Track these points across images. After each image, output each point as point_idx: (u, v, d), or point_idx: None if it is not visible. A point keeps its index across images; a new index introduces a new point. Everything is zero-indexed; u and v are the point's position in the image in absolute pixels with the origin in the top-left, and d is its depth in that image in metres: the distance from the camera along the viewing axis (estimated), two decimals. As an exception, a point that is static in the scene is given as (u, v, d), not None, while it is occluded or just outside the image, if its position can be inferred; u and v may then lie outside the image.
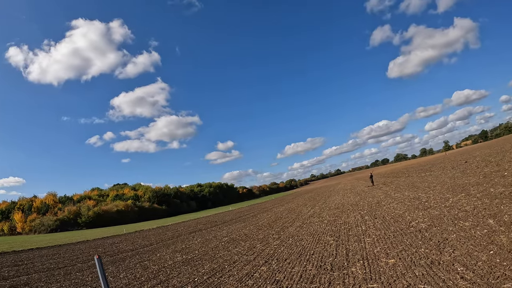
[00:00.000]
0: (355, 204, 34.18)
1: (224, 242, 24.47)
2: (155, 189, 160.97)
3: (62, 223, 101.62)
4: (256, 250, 18.96)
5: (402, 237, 14.47)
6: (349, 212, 28.37)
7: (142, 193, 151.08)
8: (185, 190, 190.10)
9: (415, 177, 50.59)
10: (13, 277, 19.71)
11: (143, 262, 20.96)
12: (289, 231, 24.50)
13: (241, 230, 30.49)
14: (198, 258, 19.39)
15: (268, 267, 14.13)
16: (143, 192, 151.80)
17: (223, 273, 14.48)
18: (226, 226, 38.06)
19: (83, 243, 40.36)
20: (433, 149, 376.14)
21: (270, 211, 50.81)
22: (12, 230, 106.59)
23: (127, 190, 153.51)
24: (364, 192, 47.42)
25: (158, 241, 32.93)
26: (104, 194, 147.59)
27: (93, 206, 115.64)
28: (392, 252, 12.43)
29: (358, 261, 12.22)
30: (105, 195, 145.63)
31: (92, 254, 28.17)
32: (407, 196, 29.80)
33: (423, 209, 20.73)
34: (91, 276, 18.11)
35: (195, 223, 53.18)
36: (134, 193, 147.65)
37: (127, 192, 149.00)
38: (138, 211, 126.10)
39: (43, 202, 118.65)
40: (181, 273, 15.83)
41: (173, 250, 24.85)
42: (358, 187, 65.54)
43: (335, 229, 20.98)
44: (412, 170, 75.18)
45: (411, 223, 17.20)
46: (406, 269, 10.14)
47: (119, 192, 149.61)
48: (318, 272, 11.83)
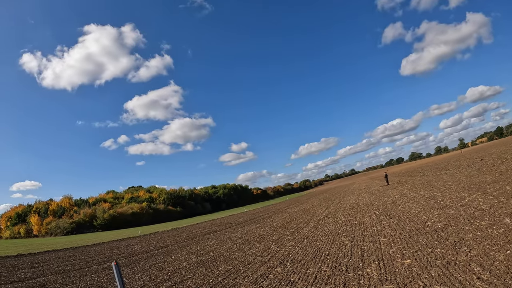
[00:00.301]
0: (370, 204, 33.98)
1: (238, 244, 24.51)
2: (169, 191, 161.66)
3: (77, 225, 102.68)
4: (271, 251, 18.96)
5: (418, 237, 14.35)
6: (364, 212, 28.23)
7: (156, 195, 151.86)
8: (199, 192, 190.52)
9: (430, 176, 50.14)
10: (29, 278, 19.99)
11: (158, 264, 21.09)
12: (303, 232, 24.45)
13: (256, 231, 30.50)
14: (212, 260, 19.45)
15: (282, 268, 14.11)
16: (157, 195, 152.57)
17: (237, 274, 14.51)
18: (240, 227, 38.10)
19: (98, 245, 40.71)
20: (448, 147, 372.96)
21: (285, 212, 50.75)
22: (29, 233, 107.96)
23: (142, 193, 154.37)
24: (379, 192, 47.14)
25: (173, 242, 33.08)
26: (119, 196, 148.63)
27: (108, 208, 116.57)
28: (408, 253, 12.33)
29: (373, 262, 12.15)
30: (120, 197, 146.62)
31: (108, 256, 28.43)
32: (422, 195, 29.54)
33: (438, 208, 20.54)
34: (107, 277, 18.27)
35: (210, 224, 53.31)
36: (149, 196, 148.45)
37: (142, 195, 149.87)
38: (153, 213, 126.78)
39: (59, 205, 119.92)
40: (196, 275, 15.89)
41: (188, 251, 24.95)
42: (373, 187, 65.15)
43: (350, 230, 20.90)
44: (427, 169, 74.54)
45: (426, 223, 17.05)
46: (422, 270, 10.05)
47: (134, 194, 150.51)
48: (333, 273, 11.79)
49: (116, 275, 7.65)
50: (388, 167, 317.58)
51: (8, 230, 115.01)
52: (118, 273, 7.66)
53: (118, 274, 7.63)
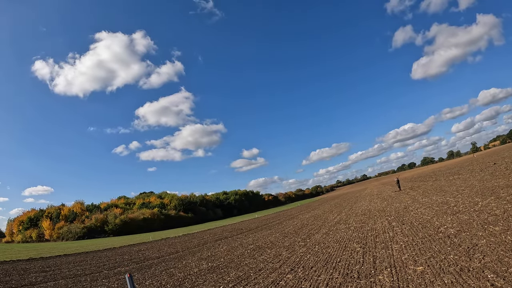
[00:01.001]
0: (382, 210, 33.77)
1: (250, 250, 24.49)
2: (181, 197, 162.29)
3: (89, 230, 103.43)
4: (282, 257, 18.91)
5: (431, 243, 14.21)
6: (376, 218, 28.06)
7: (168, 201, 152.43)
8: (211, 198, 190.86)
9: (443, 181, 49.70)
10: (40, 282, 20.16)
11: (168, 270, 21.17)
12: (315, 238, 24.35)
13: (267, 238, 30.45)
14: (223, 266, 19.46)
15: (294, 275, 14.06)
16: (169, 200, 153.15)
17: (248, 281, 14.49)
18: (252, 233, 38.07)
19: (109, 250, 40.93)
20: (460, 151, 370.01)
21: (296, 218, 50.62)
22: (40, 237, 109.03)
23: (153, 198, 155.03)
24: (391, 198, 46.84)
25: (184, 248, 33.15)
26: (130, 202, 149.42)
27: (119, 214, 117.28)
28: (421, 259, 12.21)
29: (385, 269, 12.06)
30: (132, 203, 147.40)
31: (119, 261, 28.59)
32: (435, 200, 29.27)
33: (451, 214, 20.34)
34: (117, 283, 18.38)
35: (221, 230, 53.37)
36: (160, 201, 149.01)
37: (153, 200, 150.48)
38: (164, 219, 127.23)
39: (71, 210, 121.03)
40: (207, 281, 15.91)
41: (199, 257, 24.99)
42: (385, 192, 64.76)
43: (362, 236, 20.78)
44: (439, 174, 73.96)
45: (439, 229, 16.88)
46: (434, 277, 9.93)
47: (146, 200, 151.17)
48: (344, 280, 11.72)
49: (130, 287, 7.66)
50: (400, 172, 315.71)
51: (20, 234, 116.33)
52: (131, 285, 7.66)
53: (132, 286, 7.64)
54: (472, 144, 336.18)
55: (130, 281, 7.52)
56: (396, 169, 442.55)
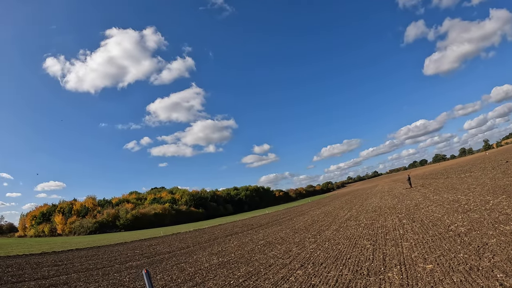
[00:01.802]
0: (393, 207, 33.69)
1: (260, 245, 24.59)
2: (192, 192, 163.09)
3: (101, 225, 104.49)
4: (292, 253, 18.99)
5: (441, 242, 14.21)
6: (387, 216, 28.03)
7: (179, 196, 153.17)
8: (221, 193, 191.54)
9: (454, 179, 49.38)
10: (53, 276, 20.39)
11: (179, 264, 21.31)
12: (325, 234, 24.39)
13: (277, 233, 30.53)
14: (234, 261, 19.58)
15: (303, 271, 14.13)
16: (180, 196, 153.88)
17: (258, 276, 14.60)
18: (262, 229, 38.17)
19: (121, 244, 41.28)
20: (472, 148, 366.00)
21: (307, 214, 50.61)
22: (53, 232, 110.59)
23: (165, 194, 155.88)
24: (402, 195, 46.64)
25: (195, 243, 33.33)
26: (142, 197, 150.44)
27: (131, 209, 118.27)
28: (430, 257, 12.23)
29: (395, 266, 12.10)
30: (143, 198, 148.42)
31: (130, 255, 28.82)
32: (446, 198, 29.14)
33: (462, 212, 20.27)
34: (129, 277, 18.57)
35: (232, 226, 53.56)
36: (171, 197, 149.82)
37: (165, 196, 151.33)
38: (175, 214, 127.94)
39: (83, 205, 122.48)
40: (217, 276, 16.04)
41: (209, 252, 25.14)
42: (396, 190, 64.44)
43: (372, 233, 20.79)
44: (451, 171, 73.43)
45: (450, 227, 16.86)
46: (444, 275, 9.96)
47: (157, 195, 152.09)
48: (354, 277, 11.78)
49: (147, 283, 7.71)
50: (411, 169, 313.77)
51: (33, 229, 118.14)
52: (148, 281, 7.72)
53: (149, 282, 7.69)
54: (485, 141, 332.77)
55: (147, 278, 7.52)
56: (407, 166, 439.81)
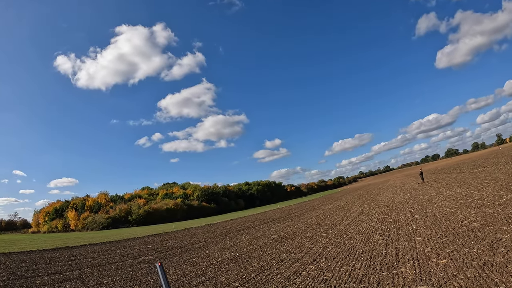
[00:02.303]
0: (405, 202, 33.55)
1: (272, 240, 24.62)
2: (203, 187, 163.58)
3: (113, 220, 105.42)
4: (304, 248, 19.01)
5: (454, 237, 14.15)
6: (399, 210, 27.93)
7: (191, 191, 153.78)
8: (233, 188, 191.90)
9: (467, 173, 49.02)
10: (66, 271, 20.57)
11: (192, 259, 21.43)
12: (337, 229, 24.38)
13: (289, 228, 30.55)
14: (246, 256, 19.65)
15: (316, 265, 14.15)
16: (192, 191, 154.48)
17: (271, 271, 14.64)
18: (274, 224, 38.22)
19: (133, 239, 41.55)
20: (485, 143, 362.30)
21: (319, 209, 50.55)
22: (66, 227, 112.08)
23: (176, 189, 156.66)
24: (414, 190, 46.40)
25: (207, 238, 33.47)
26: (154, 193, 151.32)
27: (143, 204, 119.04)
28: (444, 252, 12.19)
29: (408, 261, 12.08)
30: (155, 194, 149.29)
31: (143, 250, 29.04)
32: (459, 193, 28.96)
33: (475, 207, 20.14)
34: (142, 271, 18.72)
35: (243, 221, 53.66)
36: (183, 192, 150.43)
37: (177, 191, 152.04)
38: (187, 209, 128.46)
39: (96, 201, 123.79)
40: (229, 270, 16.11)
41: (221, 247, 25.24)
42: (408, 184, 64.10)
43: (385, 228, 20.76)
44: (463, 166, 72.88)
45: (463, 222, 16.77)
46: (457, 271, 9.93)
47: (169, 191, 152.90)
48: (367, 272, 11.79)
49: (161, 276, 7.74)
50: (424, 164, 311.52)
51: (46, 225, 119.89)
52: (163, 274, 7.76)
53: (163, 274, 7.72)
54: (498, 136, 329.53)
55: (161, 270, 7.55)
56: (419, 161, 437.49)
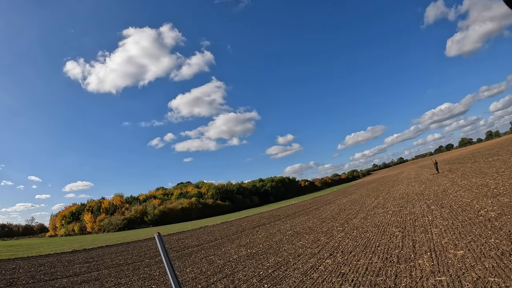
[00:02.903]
0: (420, 193, 33.37)
1: (288, 236, 24.68)
2: (217, 186, 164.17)
3: (129, 221, 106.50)
4: (321, 243, 19.02)
5: (471, 227, 14.06)
6: (415, 202, 27.80)
7: (205, 190, 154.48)
8: (247, 185, 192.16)
9: (482, 163, 48.57)
10: (84, 273, 20.84)
11: (208, 257, 21.55)
12: (353, 223, 24.36)
13: (305, 223, 30.58)
14: (262, 252, 19.70)
15: (333, 260, 14.14)
16: (206, 190, 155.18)
17: (287, 266, 14.67)
18: (289, 219, 38.27)
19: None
20: (499, 131, 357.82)
21: (333, 203, 50.53)
22: (83, 230, 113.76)
23: (191, 188, 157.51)
24: (429, 181, 46.09)
25: (223, 236, 33.65)
26: (168, 193, 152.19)
27: (158, 204, 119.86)
28: (461, 243, 12.11)
29: (425, 253, 12.04)
30: (170, 193, 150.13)
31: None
32: (474, 183, 28.72)
33: (491, 196, 19.98)
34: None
35: (259, 217, 53.80)
36: (197, 191, 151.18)
37: (191, 190, 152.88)
38: (202, 208, 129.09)
39: (111, 203, 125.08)
40: (246, 267, 16.17)
41: (237, 244, 25.35)
42: (423, 175, 63.68)
43: (401, 220, 20.69)
44: (478, 155, 72.21)
45: (479, 212, 16.65)
46: (475, 261, 9.85)
47: (183, 190, 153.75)
48: (384, 265, 11.77)
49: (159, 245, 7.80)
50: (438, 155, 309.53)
51: (63, 228, 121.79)
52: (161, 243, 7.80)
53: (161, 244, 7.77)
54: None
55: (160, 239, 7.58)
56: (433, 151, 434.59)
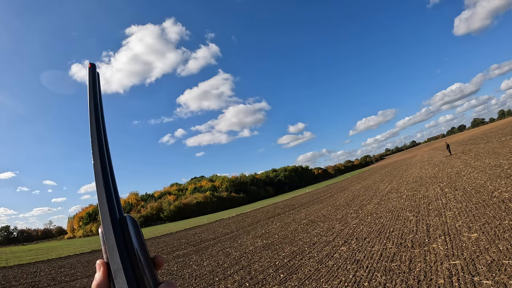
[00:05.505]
0: (434, 176, 33.24)
1: (303, 225, 24.81)
2: (231, 178, 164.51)
3: (145, 219, 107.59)
4: (335, 230, 19.12)
5: (485, 209, 14.03)
6: (428, 185, 27.72)
7: (219, 183, 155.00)
8: (260, 176, 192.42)
9: (495, 143, 48.23)
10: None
11: (225, 249, 21.80)
12: (367, 209, 24.40)
13: (319, 211, 30.68)
14: (278, 242, 19.87)
15: (347, 247, 14.25)
16: (220, 183, 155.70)
17: (303, 255, 14.80)
18: (303, 208, 38.39)
19: (167, 235, 42.38)
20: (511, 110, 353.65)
21: (347, 190, 50.52)
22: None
23: (205, 182, 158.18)
24: (442, 163, 45.85)
25: (238, 228, 33.90)
26: (183, 188, 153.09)
27: (173, 200, 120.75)
28: (475, 226, 12.11)
29: (439, 237, 12.06)
30: (184, 189, 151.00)
31: (176, 245, 29.57)
32: (487, 164, 28.53)
33: (505, 177, 19.87)
34: (177, 266, 19.11)
35: (273, 208, 54.01)
36: (211, 185, 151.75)
37: (205, 184, 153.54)
38: (217, 201, 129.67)
39: (127, 202, 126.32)
40: (262, 258, 16.34)
41: (253, 236, 25.55)
42: (436, 158, 63.32)
43: (414, 204, 20.69)
44: (491, 135, 71.66)
45: (493, 193, 16.58)
46: (489, 244, 9.85)
47: (197, 185, 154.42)
48: (398, 250, 11.82)
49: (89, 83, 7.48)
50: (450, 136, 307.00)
51: (81, 230, 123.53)
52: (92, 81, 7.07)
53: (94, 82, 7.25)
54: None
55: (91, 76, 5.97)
56: (445, 133, 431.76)
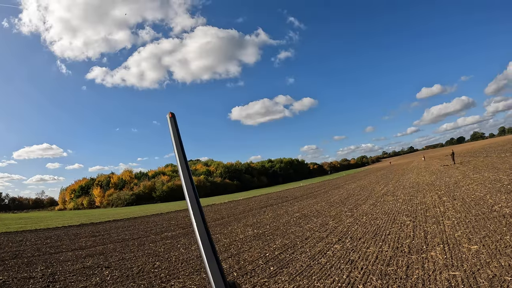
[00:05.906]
0: (431, 183, 33.11)
1: (295, 218, 24.60)
2: (226, 164, 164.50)
3: (137, 197, 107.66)
4: (329, 227, 18.91)
5: (485, 222, 13.80)
6: (425, 192, 27.57)
7: (214, 168, 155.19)
8: (256, 165, 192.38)
9: (494, 158, 48.27)
10: (89, 247, 20.86)
11: (214, 235, 21.44)
12: (362, 208, 24.24)
13: (313, 206, 30.50)
14: (269, 233, 19.60)
15: (341, 245, 14.01)
16: (215, 168, 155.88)
17: (295, 249, 14.54)
18: (297, 201, 38.25)
19: (157, 215, 42.11)
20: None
21: (342, 187, 50.44)
22: (91, 204, 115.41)
23: (200, 166, 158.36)
24: (440, 172, 45.76)
25: (229, 215, 33.65)
26: (177, 169, 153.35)
27: (167, 181, 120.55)
28: (475, 238, 11.87)
29: (437, 245, 11.82)
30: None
31: (166, 226, 29.30)
32: (487, 177, 28.39)
33: (505, 192, 19.70)
34: (164, 247, 18.83)
35: (266, 198, 53.86)
36: (206, 169, 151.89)
37: (200, 168, 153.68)
38: (210, 186, 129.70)
39: (120, 178, 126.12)
40: (252, 248, 16.06)
41: (244, 224, 25.30)
42: (433, 166, 63.31)
43: (411, 209, 20.51)
44: (490, 150, 72.32)
45: (493, 207, 16.38)
46: (490, 258, 9.61)
47: (192, 167, 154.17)
48: (394, 254, 11.58)
49: (171, 128, 7.08)
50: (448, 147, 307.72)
51: (72, 202, 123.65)
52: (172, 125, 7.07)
53: (173, 125, 7.04)
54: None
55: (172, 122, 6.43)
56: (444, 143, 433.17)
